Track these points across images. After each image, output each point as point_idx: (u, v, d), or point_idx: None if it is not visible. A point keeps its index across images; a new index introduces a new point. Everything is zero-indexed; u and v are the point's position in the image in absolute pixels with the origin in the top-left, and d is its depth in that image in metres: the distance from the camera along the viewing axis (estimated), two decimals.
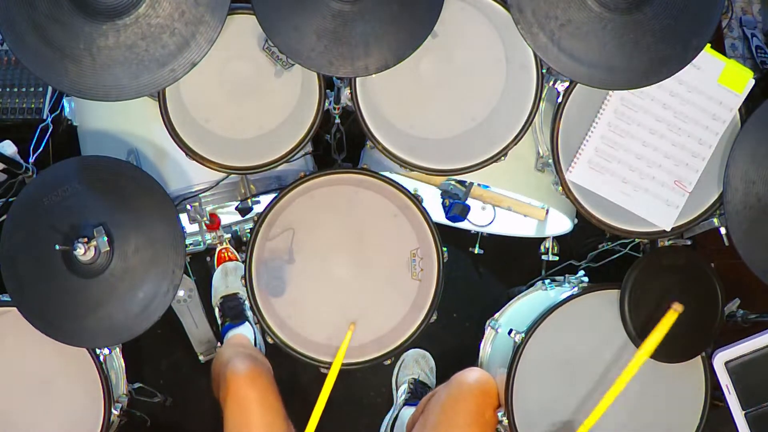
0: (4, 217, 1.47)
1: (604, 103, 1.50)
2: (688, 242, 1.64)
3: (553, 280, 1.81)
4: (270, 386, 1.60)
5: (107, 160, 1.50)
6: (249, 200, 1.67)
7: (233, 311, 2.05)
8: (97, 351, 1.52)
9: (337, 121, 1.60)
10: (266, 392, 1.57)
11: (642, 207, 1.53)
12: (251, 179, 1.69)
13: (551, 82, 1.51)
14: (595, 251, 2.03)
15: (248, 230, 1.56)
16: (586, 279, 1.76)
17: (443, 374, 2.10)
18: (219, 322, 2.08)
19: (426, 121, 1.59)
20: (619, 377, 1.43)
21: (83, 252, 1.38)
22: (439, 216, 1.80)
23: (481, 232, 2.11)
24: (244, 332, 2.01)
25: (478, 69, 1.58)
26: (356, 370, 1.57)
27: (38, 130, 1.94)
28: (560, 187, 1.54)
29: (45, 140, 1.94)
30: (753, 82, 1.48)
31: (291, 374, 1.79)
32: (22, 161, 1.89)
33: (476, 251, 2.14)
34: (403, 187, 1.55)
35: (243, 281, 1.54)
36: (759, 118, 1.47)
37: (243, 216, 1.71)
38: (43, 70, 1.36)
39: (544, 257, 1.99)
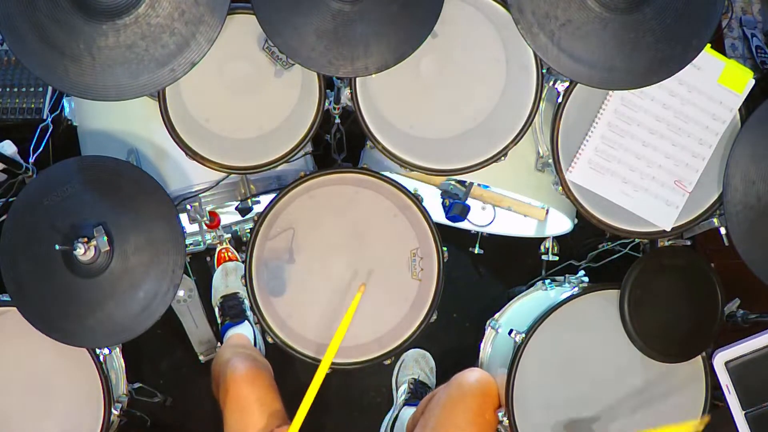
0: (4, 217, 1.47)
1: (604, 103, 1.50)
2: (688, 242, 1.64)
3: (553, 280, 1.81)
4: (270, 386, 1.60)
5: (107, 160, 1.50)
6: (249, 200, 1.67)
7: (233, 310, 2.05)
8: (97, 351, 1.52)
9: (337, 121, 1.60)
10: (266, 392, 1.57)
11: (642, 207, 1.53)
12: (251, 179, 1.69)
13: (551, 82, 1.51)
14: (595, 251, 2.04)
15: (248, 230, 1.56)
16: (586, 279, 1.76)
17: (443, 374, 2.10)
18: (219, 321, 2.08)
19: (426, 121, 1.59)
20: None
21: (83, 252, 1.38)
22: (439, 216, 1.80)
23: (481, 232, 2.11)
24: (244, 331, 2.01)
25: (478, 69, 1.58)
26: (356, 370, 1.57)
27: (38, 130, 1.94)
28: (560, 187, 1.54)
29: (45, 140, 1.94)
30: (753, 82, 1.48)
31: (291, 374, 1.79)
32: (22, 161, 1.89)
33: (476, 251, 2.14)
34: (403, 187, 1.55)
35: (243, 281, 1.54)
36: (759, 118, 1.47)
37: (243, 216, 1.71)
38: (43, 70, 1.36)
39: (544, 257, 1.99)
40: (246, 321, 2.04)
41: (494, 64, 1.57)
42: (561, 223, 1.90)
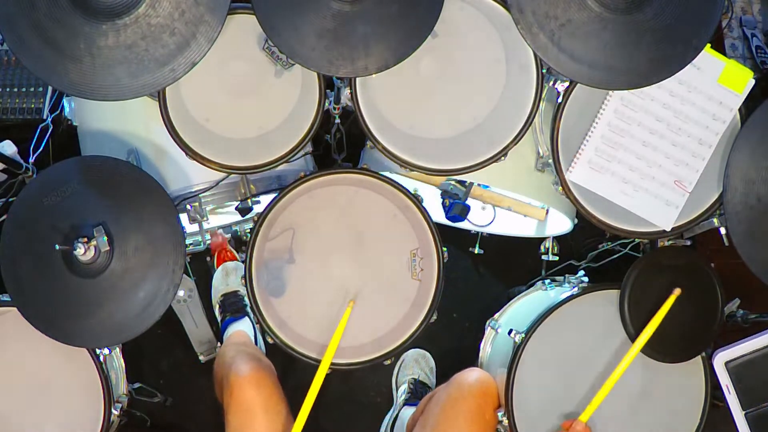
0: (4, 217, 1.47)
1: (604, 103, 1.50)
2: (688, 242, 1.64)
3: (553, 280, 1.81)
4: (275, 388, 1.58)
5: (107, 160, 1.50)
6: (249, 200, 1.68)
7: (233, 306, 2.05)
8: (97, 351, 1.52)
9: (337, 121, 1.60)
10: (271, 395, 1.55)
11: (642, 207, 1.53)
12: (251, 179, 1.69)
13: (551, 82, 1.51)
14: (595, 251, 2.04)
15: (248, 230, 1.56)
16: (586, 279, 1.76)
17: (443, 374, 2.10)
18: (219, 318, 2.08)
19: (426, 121, 1.59)
20: (620, 362, 1.46)
21: (83, 252, 1.38)
22: (439, 216, 1.80)
23: (481, 232, 2.11)
24: (244, 328, 2.00)
25: (478, 69, 1.58)
26: (356, 370, 1.57)
27: (38, 130, 1.94)
28: (560, 187, 1.54)
29: (45, 140, 1.93)
30: (753, 82, 1.48)
31: (291, 374, 1.79)
32: (22, 161, 1.89)
33: (476, 251, 2.14)
34: (403, 187, 1.55)
35: (243, 281, 1.54)
36: (759, 118, 1.47)
37: (243, 216, 1.71)
38: (43, 70, 1.36)
39: (544, 257, 1.99)
40: (246, 317, 2.04)
41: (494, 64, 1.57)
42: (561, 223, 1.90)
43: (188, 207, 1.65)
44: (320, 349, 1.56)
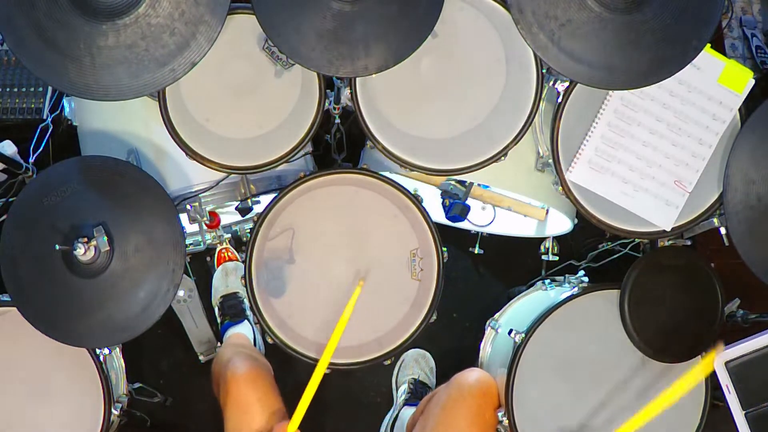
0: (4, 217, 1.47)
1: (604, 103, 1.50)
2: (688, 242, 1.64)
3: (553, 280, 1.81)
4: (270, 387, 1.60)
5: (107, 160, 1.50)
6: (249, 200, 1.68)
7: (233, 310, 2.05)
8: (97, 351, 1.52)
9: (337, 121, 1.60)
10: (266, 392, 1.57)
11: (642, 207, 1.53)
12: (251, 179, 1.69)
13: (551, 82, 1.51)
14: (595, 251, 2.04)
15: (248, 230, 1.56)
16: (586, 279, 1.76)
17: (443, 374, 2.10)
18: (218, 320, 2.09)
19: (426, 121, 1.59)
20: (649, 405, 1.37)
21: (83, 252, 1.38)
22: (439, 216, 1.80)
23: (481, 232, 2.11)
24: (244, 331, 2.01)
25: (478, 69, 1.58)
26: (356, 370, 1.57)
27: (38, 130, 1.94)
28: (560, 187, 1.54)
29: (45, 140, 1.94)
30: (753, 82, 1.48)
31: (291, 374, 1.79)
32: (22, 161, 1.89)
33: (476, 251, 2.14)
34: (403, 187, 1.55)
35: (243, 281, 1.54)
36: (759, 118, 1.47)
37: (243, 216, 1.72)
38: (43, 70, 1.36)
39: (544, 257, 1.99)
40: (246, 320, 2.04)
41: (494, 64, 1.57)
42: (561, 223, 1.90)
43: (188, 207, 1.65)
44: (320, 348, 1.56)
